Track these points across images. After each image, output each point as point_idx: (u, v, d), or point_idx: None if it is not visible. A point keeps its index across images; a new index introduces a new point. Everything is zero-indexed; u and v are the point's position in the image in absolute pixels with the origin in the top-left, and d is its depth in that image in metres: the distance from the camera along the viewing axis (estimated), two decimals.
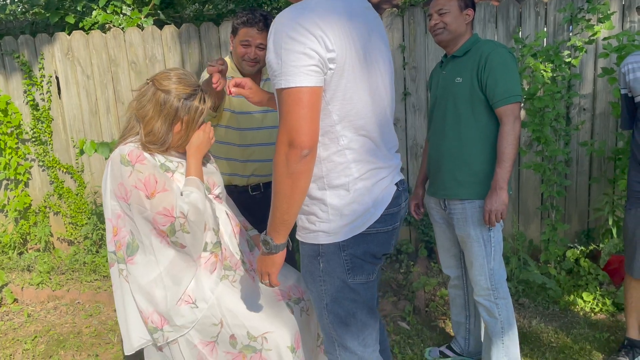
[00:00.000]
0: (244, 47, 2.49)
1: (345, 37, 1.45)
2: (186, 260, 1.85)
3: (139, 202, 1.77)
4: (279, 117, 1.43)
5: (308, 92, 1.39)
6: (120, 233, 1.85)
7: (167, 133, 1.83)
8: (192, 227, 1.80)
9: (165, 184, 1.79)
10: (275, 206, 1.47)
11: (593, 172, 3.72)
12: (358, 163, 1.56)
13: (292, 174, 1.41)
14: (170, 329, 1.83)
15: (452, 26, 2.32)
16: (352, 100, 1.51)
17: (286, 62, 1.38)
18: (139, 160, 1.78)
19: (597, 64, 3.56)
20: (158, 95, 1.81)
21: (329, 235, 1.58)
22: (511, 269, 3.40)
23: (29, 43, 4.21)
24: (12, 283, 3.88)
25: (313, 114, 1.40)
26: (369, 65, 1.55)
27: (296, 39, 1.38)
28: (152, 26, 4.12)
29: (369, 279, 1.67)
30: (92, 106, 4.23)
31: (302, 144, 1.38)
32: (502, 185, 2.19)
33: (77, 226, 4.39)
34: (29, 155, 4.37)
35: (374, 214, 1.60)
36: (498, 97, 2.22)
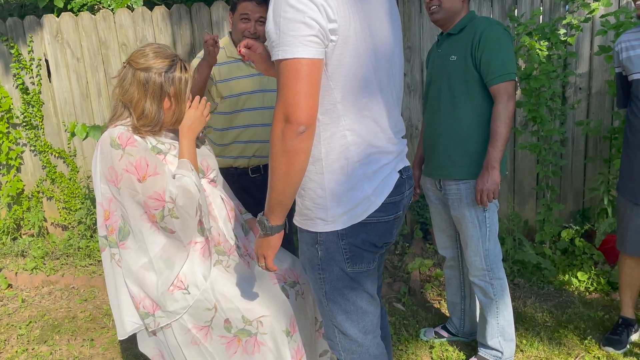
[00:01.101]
0: (244, 22, 2.47)
1: (350, 6, 1.37)
2: (177, 245, 1.82)
3: (131, 185, 1.73)
4: (277, 91, 1.35)
5: (306, 64, 1.30)
6: (112, 217, 1.82)
7: (158, 111, 1.79)
8: (181, 212, 1.76)
9: (156, 167, 1.75)
10: (271, 186, 1.40)
11: (589, 151, 3.70)
12: (359, 146, 1.48)
13: (287, 152, 1.32)
14: (162, 314, 1.82)
15: (447, 4, 2.27)
16: (356, 77, 1.42)
17: (284, 32, 1.29)
18: (129, 143, 1.74)
19: (594, 42, 3.52)
20: (138, 75, 1.76)
21: (327, 223, 1.51)
22: (506, 249, 3.40)
23: (18, 26, 4.13)
24: (6, 268, 3.86)
25: (311, 88, 1.31)
26: (375, 38, 1.45)
27: (296, 6, 1.29)
28: (142, 7, 4.05)
29: (369, 267, 1.62)
30: (83, 89, 4.17)
31: (299, 120, 1.30)
32: (494, 164, 2.17)
33: (71, 211, 4.36)
34: (20, 140, 4.33)
35: (374, 203, 1.52)
36: (492, 75, 2.18)
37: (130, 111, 1.80)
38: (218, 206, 1.96)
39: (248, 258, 1.99)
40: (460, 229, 2.38)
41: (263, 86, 2.58)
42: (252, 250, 2.02)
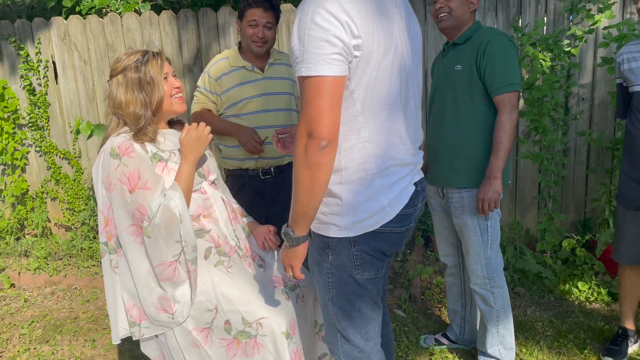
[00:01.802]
0: (252, 27, 2.56)
1: (374, 21, 1.39)
2: (150, 275, 1.83)
3: (122, 195, 1.77)
4: (300, 106, 1.38)
5: (330, 81, 1.33)
6: (111, 224, 1.85)
7: (145, 103, 1.84)
8: (154, 230, 1.75)
9: (148, 181, 1.76)
10: (296, 198, 1.44)
11: (591, 162, 3.72)
12: (378, 158, 1.50)
13: (310, 166, 1.36)
14: (148, 324, 1.84)
15: (457, 12, 2.28)
16: (379, 90, 1.45)
17: (308, 49, 1.32)
18: (126, 152, 1.78)
19: (597, 53, 3.54)
20: (119, 79, 1.84)
21: (341, 230, 1.54)
22: (507, 258, 3.41)
23: (26, 27, 4.17)
24: (9, 268, 3.89)
25: (334, 104, 1.34)
26: (397, 50, 1.48)
27: (320, 24, 1.31)
28: (149, 11, 4.09)
29: (377, 275, 1.64)
30: (89, 91, 4.21)
31: (321, 135, 1.33)
32: (496, 174, 2.19)
33: (75, 212, 4.38)
34: (26, 140, 4.36)
35: (389, 214, 1.55)
36: (496, 85, 2.21)
37: (124, 120, 1.85)
38: (219, 207, 1.98)
39: (249, 259, 2.01)
40: (462, 237, 2.40)
41: (267, 89, 2.65)
42: (253, 252, 2.04)
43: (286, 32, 3.86)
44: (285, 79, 2.73)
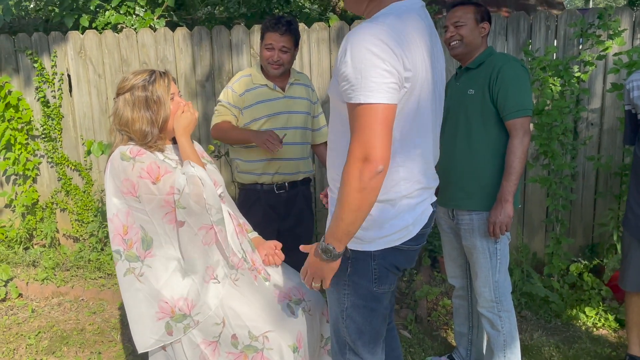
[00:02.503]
0: (268, 50, 2.65)
1: (419, 56, 1.47)
2: (193, 241, 1.87)
3: (147, 190, 1.81)
4: (351, 131, 1.42)
5: (386, 109, 1.38)
6: (131, 230, 1.87)
7: (152, 121, 1.88)
8: (187, 199, 1.81)
9: (167, 167, 1.85)
10: (341, 217, 1.45)
11: (599, 187, 3.72)
12: (408, 181, 1.57)
13: (364, 189, 1.40)
14: (198, 310, 1.87)
15: (468, 39, 2.34)
16: (415, 119, 1.53)
17: (367, 78, 1.37)
18: (138, 154, 1.85)
19: (607, 79, 3.57)
20: (126, 97, 1.89)
21: (363, 243, 1.59)
22: (514, 281, 3.40)
23: (43, 41, 4.25)
24: (17, 278, 3.91)
25: (388, 131, 1.40)
26: (433, 83, 1.57)
27: (379, 55, 1.37)
28: (164, 28, 4.16)
29: (390, 288, 1.70)
30: (102, 105, 4.26)
31: (378, 160, 1.38)
32: (507, 197, 2.21)
33: (83, 223, 4.41)
34: (38, 151, 4.41)
35: (411, 232, 1.62)
36: (508, 110, 2.23)
37: (129, 136, 1.89)
38: (226, 221, 2.00)
39: (255, 272, 2.03)
40: (471, 259, 2.41)
41: (287, 108, 2.73)
42: (259, 265, 2.06)
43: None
44: (304, 98, 2.81)
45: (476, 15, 2.36)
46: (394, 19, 1.45)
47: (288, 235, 2.69)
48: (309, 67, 3.95)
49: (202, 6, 4.99)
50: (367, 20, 1.49)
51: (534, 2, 15.98)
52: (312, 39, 3.91)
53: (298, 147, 2.77)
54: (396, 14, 1.47)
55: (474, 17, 2.35)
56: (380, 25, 1.42)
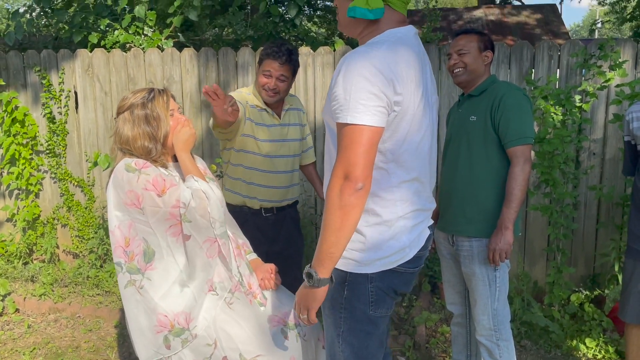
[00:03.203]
0: (266, 77, 2.60)
1: (410, 81, 1.51)
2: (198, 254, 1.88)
3: (152, 202, 1.82)
4: (337, 150, 1.47)
5: (371, 130, 1.43)
6: (133, 242, 1.87)
7: (153, 137, 1.89)
8: (192, 213, 1.83)
9: (172, 180, 1.86)
10: (324, 238, 1.47)
11: (601, 216, 3.71)
12: (404, 202, 1.60)
13: (344, 207, 1.43)
14: (196, 323, 1.86)
15: (471, 67, 2.36)
16: (409, 142, 1.56)
17: (355, 99, 1.42)
18: (144, 166, 1.86)
19: (609, 109, 3.58)
20: (125, 116, 1.91)
21: (360, 265, 1.59)
22: (514, 309, 3.37)
23: (51, 58, 4.31)
24: (15, 293, 3.90)
25: (371, 151, 1.44)
26: (425, 108, 1.60)
27: (369, 79, 1.42)
28: (172, 48, 4.21)
29: (387, 313, 1.70)
30: (107, 122, 4.30)
31: (357, 178, 1.42)
32: (507, 225, 2.20)
33: (84, 239, 4.41)
34: (42, 166, 4.44)
35: (408, 254, 1.63)
36: (509, 138, 2.25)
37: (132, 153, 1.90)
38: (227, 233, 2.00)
39: (251, 297, 2.02)
40: (470, 286, 2.39)
41: (282, 136, 2.70)
42: (256, 289, 2.05)
43: (302, 74, 3.94)
44: (297, 124, 2.80)
45: (479, 44, 2.39)
46: (388, 46, 1.50)
47: (277, 258, 2.64)
48: (313, 89, 3.98)
49: (209, 28, 5.07)
50: (363, 45, 1.54)
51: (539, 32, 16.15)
52: (317, 63, 3.95)
53: (288, 175, 2.75)
54: (391, 41, 1.52)
55: (477, 45, 2.38)
56: (374, 51, 1.47)
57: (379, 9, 1.53)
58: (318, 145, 3.96)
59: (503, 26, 16.10)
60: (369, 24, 1.60)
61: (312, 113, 3.98)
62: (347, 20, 1.62)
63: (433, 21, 3.99)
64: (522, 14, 17.24)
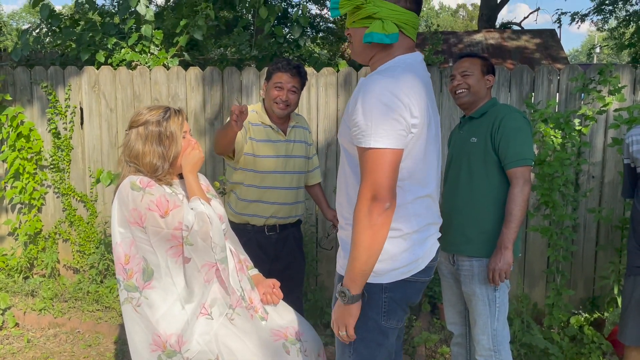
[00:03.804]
0: (277, 89, 2.67)
1: (424, 105, 1.62)
2: (195, 277, 1.90)
3: (155, 223, 1.84)
4: (361, 173, 1.57)
5: (393, 153, 1.53)
6: (133, 260, 1.89)
7: (163, 156, 1.92)
8: (195, 237, 1.85)
9: (175, 202, 1.87)
10: (355, 257, 1.56)
11: (600, 239, 3.74)
12: (418, 217, 1.70)
13: (373, 226, 1.53)
14: (188, 347, 1.87)
15: (474, 88, 2.41)
16: (422, 161, 1.67)
17: (376, 125, 1.52)
18: (149, 185, 1.88)
19: (607, 133, 3.63)
20: (139, 131, 1.93)
21: (375, 276, 1.66)
22: (514, 331, 3.37)
23: (58, 74, 4.37)
24: (15, 307, 3.90)
25: (394, 172, 1.55)
26: (435, 128, 1.73)
27: (388, 105, 1.53)
28: (177, 66, 4.28)
29: (398, 325, 1.77)
30: (112, 138, 4.35)
31: (385, 198, 1.52)
32: (507, 245, 2.23)
33: (84, 254, 4.42)
34: (46, 181, 4.47)
35: (420, 265, 1.73)
36: (509, 159, 2.29)
37: (138, 169, 1.93)
38: (227, 257, 2.02)
39: (252, 311, 2.04)
40: (470, 305, 2.41)
41: (288, 152, 2.74)
42: (257, 304, 2.07)
43: (305, 94, 4.00)
44: (302, 142, 2.85)
45: (482, 68, 2.45)
46: (401, 72, 1.60)
47: (279, 277, 2.65)
48: (316, 109, 4.04)
49: (214, 47, 5.14)
50: (377, 72, 1.64)
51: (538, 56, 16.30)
52: (320, 83, 4.02)
53: (294, 192, 2.79)
54: (403, 67, 1.62)
55: (480, 68, 2.44)
56: (389, 77, 1.58)
57: (395, 34, 1.63)
58: (320, 164, 4.00)
59: (503, 50, 16.30)
60: (381, 50, 1.69)
61: (315, 133, 4.03)
62: (362, 46, 1.71)
63: (435, 44, 4.06)
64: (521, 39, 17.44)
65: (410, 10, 1.68)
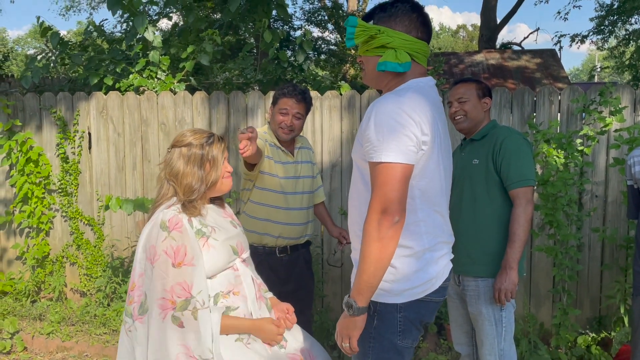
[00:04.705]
0: (282, 115, 2.74)
1: (433, 124, 1.67)
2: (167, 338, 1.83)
3: (164, 268, 1.82)
4: (372, 187, 1.61)
5: (403, 168, 1.58)
6: (137, 290, 1.91)
7: (202, 180, 1.94)
8: (200, 317, 1.81)
9: (193, 258, 1.85)
10: (363, 270, 1.59)
11: (605, 258, 3.75)
12: (429, 235, 1.73)
13: (382, 239, 1.56)
14: None
15: (471, 114, 2.47)
16: (433, 179, 1.71)
17: (387, 140, 1.58)
18: (176, 227, 1.86)
19: (609, 152, 3.67)
20: (182, 151, 1.96)
21: (390, 296, 1.71)
22: (521, 351, 3.37)
23: (67, 99, 4.45)
24: (23, 331, 3.92)
25: (405, 187, 1.59)
26: (444, 149, 1.78)
27: (399, 121, 1.59)
28: (184, 91, 4.36)
29: (413, 344, 1.79)
30: (119, 162, 4.41)
31: (394, 212, 1.56)
32: (512, 265, 2.26)
33: (92, 278, 4.45)
34: (54, 205, 4.52)
35: (434, 284, 1.75)
36: (511, 180, 2.33)
37: (175, 189, 1.94)
38: (248, 285, 2.04)
39: None
40: (476, 326, 2.42)
41: (297, 173, 2.81)
42: None
43: (310, 117, 4.06)
44: (308, 162, 2.91)
45: (478, 92, 2.50)
46: (413, 92, 1.67)
47: (289, 298, 2.68)
48: (320, 132, 4.10)
49: (220, 72, 5.23)
50: (390, 92, 1.71)
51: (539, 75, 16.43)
52: (324, 106, 4.08)
53: (304, 212, 2.85)
54: (415, 89, 1.70)
55: (476, 93, 2.50)
56: (401, 97, 1.64)
57: (407, 62, 1.70)
58: (325, 185, 4.04)
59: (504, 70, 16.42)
60: (395, 76, 1.76)
61: (319, 154, 4.08)
62: (376, 74, 1.78)
63: (437, 67, 4.14)
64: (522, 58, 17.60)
65: (422, 39, 1.75)
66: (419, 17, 1.75)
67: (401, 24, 1.73)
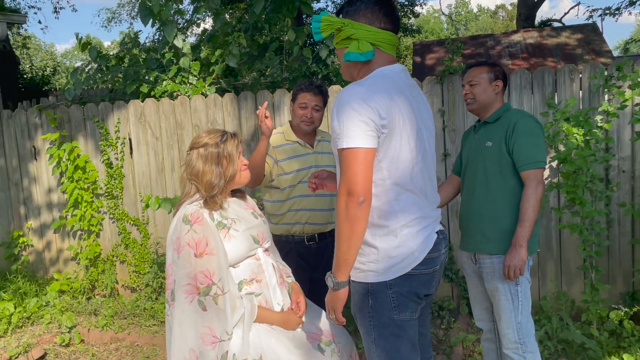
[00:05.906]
0: (302, 109, 2.95)
1: (394, 108, 1.78)
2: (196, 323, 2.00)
3: (187, 258, 2.01)
4: (340, 172, 1.76)
5: (364, 151, 1.71)
6: (169, 278, 2.11)
7: (220, 175, 2.12)
8: (220, 302, 1.97)
9: (214, 248, 2.01)
10: (337, 248, 1.77)
11: (636, 233, 3.74)
12: (404, 212, 1.84)
13: (350, 219, 1.70)
14: None
15: (481, 97, 2.56)
16: (400, 160, 1.81)
17: (348, 128, 1.71)
18: (197, 221, 2.04)
19: (634, 127, 3.65)
20: (199, 152, 2.13)
21: (378, 275, 1.84)
22: (553, 328, 3.42)
23: (108, 109, 4.76)
24: (80, 325, 4.24)
25: (367, 169, 1.71)
26: (414, 131, 1.86)
27: (357, 110, 1.71)
28: (214, 94, 4.58)
29: (413, 316, 1.91)
30: (159, 164, 4.68)
31: (359, 193, 1.69)
32: (521, 243, 2.34)
33: (140, 274, 4.76)
34: (102, 208, 4.85)
35: (418, 257, 1.86)
36: (522, 162, 2.41)
37: (197, 186, 2.13)
38: (270, 273, 2.21)
39: None
40: (494, 301, 2.52)
41: (317, 162, 2.99)
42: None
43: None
44: (329, 153, 3.06)
45: (489, 75, 2.58)
46: (372, 81, 1.80)
47: (320, 285, 2.84)
48: None
49: (248, 73, 5.44)
50: (353, 83, 1.84)
51: (580, 52, 15.91)
52: None
53: (327, 199, 3.00)
54: (377, 76, 1.83)
55: (487, 76, 2.58)
56: (359, 86, 1.78)
57: (369, 51, 1.84)
58: None
59: (542, 48, 16.01)
60: (362, 66, 1.90)
61: None
62: (346, 65, 1.93)
63: (455, 53, 4.19)
64: (561, 35, 17.09)
65: (386, 29, 1.88)
66: (382, 9, 1.87)
67: (364, 17, 1.86)
